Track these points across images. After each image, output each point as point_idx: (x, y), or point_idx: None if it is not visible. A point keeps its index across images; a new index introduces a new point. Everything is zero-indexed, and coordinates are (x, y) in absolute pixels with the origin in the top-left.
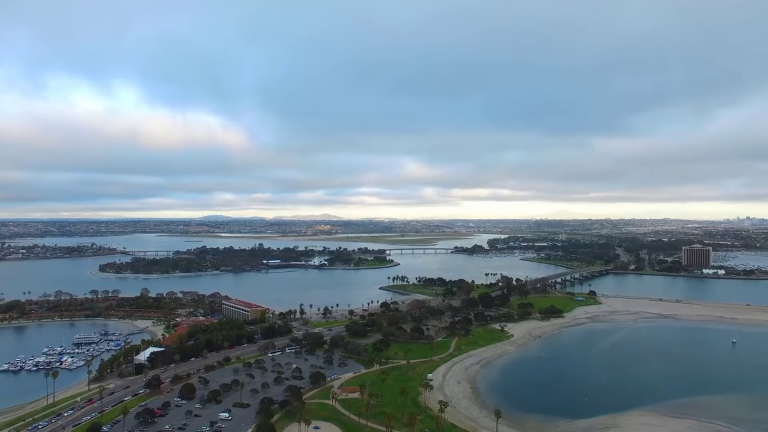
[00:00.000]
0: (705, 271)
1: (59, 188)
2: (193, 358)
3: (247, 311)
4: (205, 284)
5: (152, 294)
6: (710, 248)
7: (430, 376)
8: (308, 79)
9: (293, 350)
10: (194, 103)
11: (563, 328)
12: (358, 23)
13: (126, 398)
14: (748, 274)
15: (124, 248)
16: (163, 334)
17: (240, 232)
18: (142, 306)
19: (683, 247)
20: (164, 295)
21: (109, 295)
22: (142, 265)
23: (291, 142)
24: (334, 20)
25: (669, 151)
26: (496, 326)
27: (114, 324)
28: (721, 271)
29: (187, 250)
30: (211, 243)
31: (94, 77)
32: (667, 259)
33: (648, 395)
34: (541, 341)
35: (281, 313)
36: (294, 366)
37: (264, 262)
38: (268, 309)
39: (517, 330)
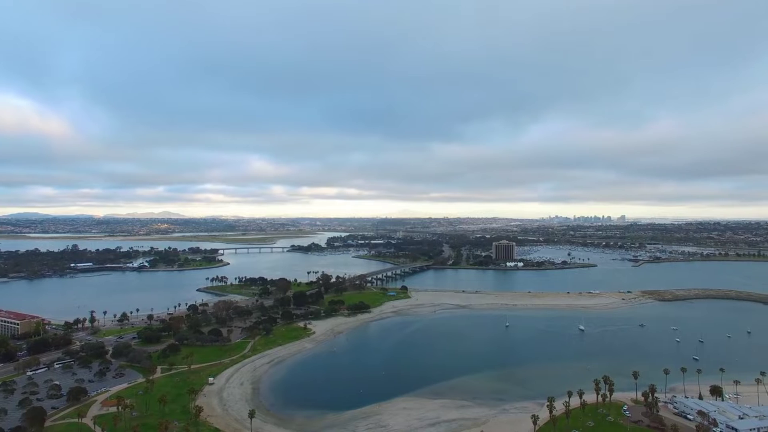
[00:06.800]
0: (508, 263)
1: None
2: None
3: (18, 324)
4: None
5: None
6: (514, 243)
7: (211, 379)
8: (142, 69)
9: (62, 364)
10: None
11: (368, 322)
12: (193, 16)
13: None
14: (539, 265)
15: None
16: None
17: (57, 232)
18: None
19: (493, 243)
20: None
21: None
22: None
23: (124, 134)
24: (167, 10)
25: (495, 158)
26: (300, 324)
27: None
28: (520, 264)
29: None
30: (12, 245)
31: None
32: (481, 254)
33: (417, 381)
34: (342, 337)
35: (67, 323)
36: (53, 383)
37: (72, 265)
38: (45, 319)
39: (321, 327)
